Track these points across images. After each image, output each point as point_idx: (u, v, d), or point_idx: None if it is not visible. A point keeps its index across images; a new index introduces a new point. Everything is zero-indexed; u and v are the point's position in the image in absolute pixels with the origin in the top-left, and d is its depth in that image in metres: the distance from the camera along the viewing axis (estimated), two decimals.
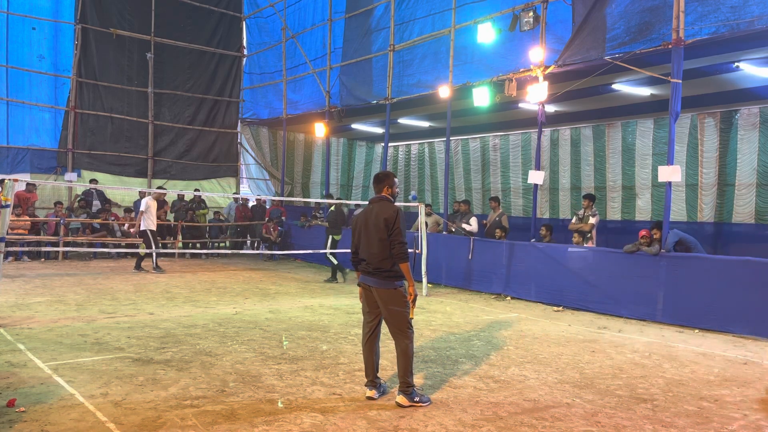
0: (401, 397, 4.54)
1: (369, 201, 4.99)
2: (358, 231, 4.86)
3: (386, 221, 4.65)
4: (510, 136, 16.84)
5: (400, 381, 4.62)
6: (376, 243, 4.68)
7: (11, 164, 15.36)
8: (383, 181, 4.93)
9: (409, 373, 4.59)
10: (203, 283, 11.07)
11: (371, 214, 4.78)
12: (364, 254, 4.78)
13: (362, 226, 4.82)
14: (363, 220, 4.84)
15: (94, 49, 16.50)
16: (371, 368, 4.79)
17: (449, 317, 8.42)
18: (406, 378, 4.58)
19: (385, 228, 4.64)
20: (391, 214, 4.67)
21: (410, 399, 4.53)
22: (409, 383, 4.58)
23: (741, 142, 12.44)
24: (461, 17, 11.94)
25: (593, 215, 10.72)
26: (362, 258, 4.82)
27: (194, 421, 4.05)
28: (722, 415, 4.59)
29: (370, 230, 4.73)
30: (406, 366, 4.60)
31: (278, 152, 19.23)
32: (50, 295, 9.08)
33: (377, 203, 4.84)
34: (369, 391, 4.73)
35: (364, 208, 4.96)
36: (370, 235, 4.73)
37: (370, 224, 4.75)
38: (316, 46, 16.37)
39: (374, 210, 4.78)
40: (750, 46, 8.75)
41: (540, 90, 10.10)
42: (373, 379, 4.79)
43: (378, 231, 4.66)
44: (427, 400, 4.60)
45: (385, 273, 4.66)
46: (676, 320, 8.16)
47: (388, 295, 4.66)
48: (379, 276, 4.67)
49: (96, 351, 5.87)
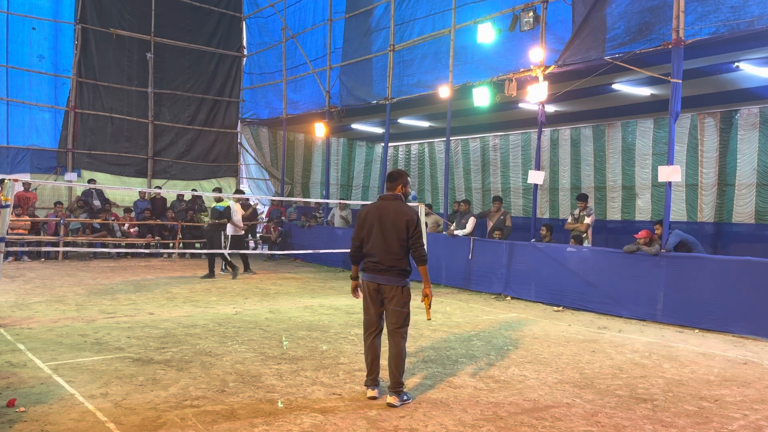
0: (393, 397, 4.57)
1: (381, 198, 4.91)
2: (368, 227, 4.75)
3: (408, 223, 4.65)
4: (510, 136, 16.84)
5: (392, 381, 4.64)
6: (394, 242, 4.66)
7: (11, 164, 15.37)
8: (397, 179, 4.90)
9: (401, 373, 4.64)
10: (203, 283, 11.07)
11: (388, 212, 4.71)
12: (376, 251, 4.70)
13: (376, 222, 4.72)
14: (376, 216, 4.74)
15: (94, 49, 16.51)
16: (376, 367, 4.79)
17: (449, 317, 8.42)
18: (398, 378, 4.61)
19: (405, 229, 4.65)
20: (412, 216, 4.69)
21: (401, 399, 4.59)
22: (401, 383, 4.63)
23: (741, 142, 12.44)
24: (461, 17, 11.94)
25: (588, 215, 10.76)
26: (369, 254, 4.75)
27: (194, 421, 4.05)
28: (722, 415, 4.59)
29: (388, 229, 4.67)
30: (400, 366, 4.64)
31: (278, 152, 19.23)
32: (50, 295, 9.08)
33: (392, 201, 4.78)
34: (371, 391, 4.73)
35: (374, 204, 4.88)
36: (388, 234, 4.67)
37: (387, 223, 4.68)
38: (316, 46, 16.37)
39: (391, 209, 4.72)
40: (750, 46, 8.74)
41: (540, 90, 10.10)
42: (375, 378, 4.78)
43: (398, 231, 4.65)
44: (411, 398, 4.70)
45: (398, 271, 4.67)
46: (676, 320, 8.16)
47: (396, 293, 4.67)
48: (392, 273, 4.67)
49: (96, 351, 5.87)
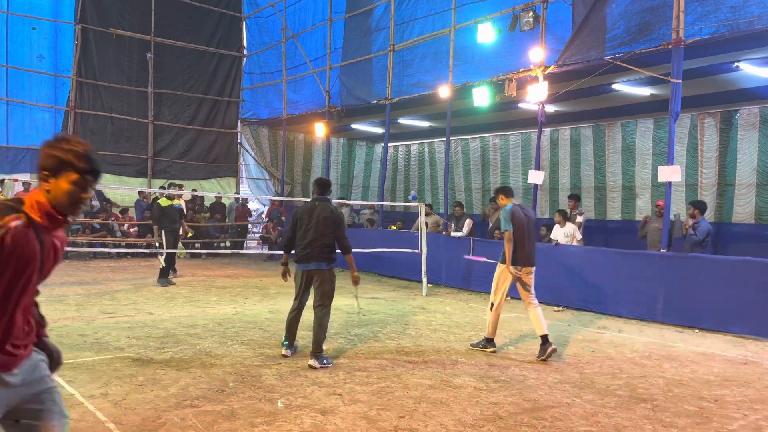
0: (314, 360, 5.48)
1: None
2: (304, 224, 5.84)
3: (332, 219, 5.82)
4: (510, 136, 16.84)
5: (314, 347, 5.54)
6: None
7: (11, 164, 15.36)
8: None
9: (322, 340, 5.61)
10: (203, 283, 11.07)
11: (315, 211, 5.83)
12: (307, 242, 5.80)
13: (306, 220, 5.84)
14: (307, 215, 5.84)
15: (94, 49, 16.50)
16: (294, 335, 5.94)
17: (449, 317, 8.42)
18: (320, 344, 5.57)
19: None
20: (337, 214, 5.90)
21: (320, 362, 5.47)
22: (322, 349, 5.57)
23: (741, 142, 12.44)
24: (461, 17, 11.94)
25: (580, 214, 10.82)
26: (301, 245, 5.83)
27: (194, 421, 4.05)
28: (722, 415, 4.59)
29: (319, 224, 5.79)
30: (321, 334, 5.61)
31: (278, 152, 19.23)
32: (50, 295, 9.07)
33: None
34: (284, 350, 5.87)
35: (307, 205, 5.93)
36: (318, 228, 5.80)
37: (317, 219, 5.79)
38: (316, 46, 16.36)
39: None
40: (750, 46, 8.74)
41: (540, 90, 10.10)
42: (291, 343, 5.93)
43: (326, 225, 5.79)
44: (330, 363, 5.54)
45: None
46: (676, 320, 8.16)
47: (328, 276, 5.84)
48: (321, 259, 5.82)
49: (96, 351, 5.87)
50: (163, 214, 10.61)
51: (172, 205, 10.75)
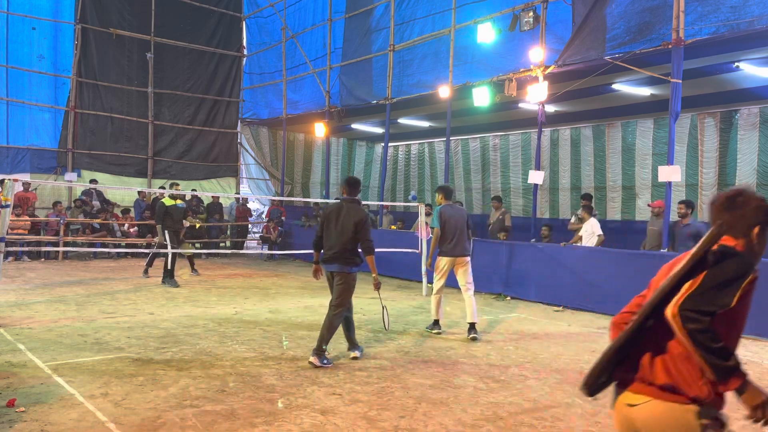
0: (314, 357, 5.50)
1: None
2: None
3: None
4: (510, 136, 16.85)
5: (317, 343, 5.55)
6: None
7: (11, 164, 15.37)
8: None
9: (326, 341, 5.59)
10: (203, 283, 11.07)
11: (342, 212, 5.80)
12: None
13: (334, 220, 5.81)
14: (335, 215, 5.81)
15: (94, 49, 16.50)
16: (350, 335, 5.99)
17: (449, 317, 8.41)
18: (323, 344, 5.56)
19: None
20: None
21: (320, 361, 5.49)
22: (324, 348, 5.58)
23: (741, 142, 12.45)
24: (461, 17, 11.94)
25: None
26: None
27: (194, 421, 4.05)
28: None
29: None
30: (327, 334, 5.59)
31: (278, 152, 19.23)
32: (50, 295, 9.08)
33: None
34: (353, 353, 5.90)
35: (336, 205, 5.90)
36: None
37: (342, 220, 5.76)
38: (316, 46, 16.37)
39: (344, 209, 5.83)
40: (750, 46, 8.75)
41: (540, 90, 10.10)
42: (352, 343, 5.98)
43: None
44: (330, 364, 5.55)
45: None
46: None
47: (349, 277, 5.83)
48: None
49: (96, 351, 5.87)
50: (167, 214, 10.58)
51: (175, 205, 10.72)
